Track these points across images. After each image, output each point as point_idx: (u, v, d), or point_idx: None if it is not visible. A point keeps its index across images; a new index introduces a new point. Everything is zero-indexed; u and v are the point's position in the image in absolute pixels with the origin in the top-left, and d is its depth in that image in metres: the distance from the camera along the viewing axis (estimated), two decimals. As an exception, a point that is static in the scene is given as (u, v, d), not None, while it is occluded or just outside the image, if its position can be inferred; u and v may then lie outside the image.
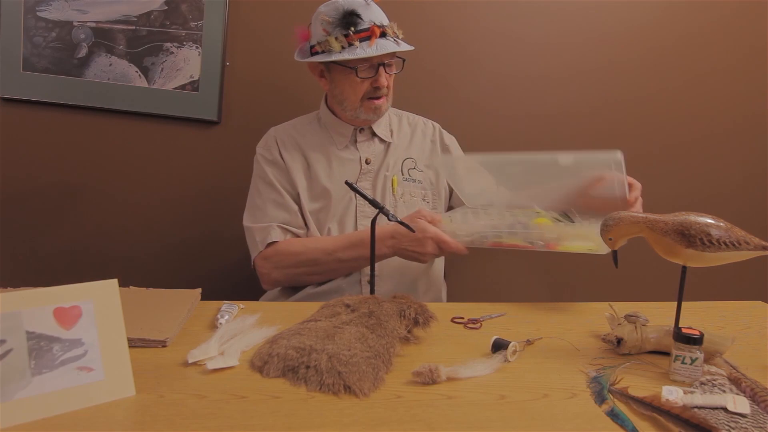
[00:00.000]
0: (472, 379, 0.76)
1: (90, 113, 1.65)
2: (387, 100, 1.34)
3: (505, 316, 1.05)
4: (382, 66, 1.28)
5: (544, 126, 1.81)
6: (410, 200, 1.38)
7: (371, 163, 1.38)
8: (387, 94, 1.33)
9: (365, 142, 1.39)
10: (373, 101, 1.31)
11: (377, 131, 1.40)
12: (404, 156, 1.41)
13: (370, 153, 1.39)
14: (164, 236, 1.73)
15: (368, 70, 1.27)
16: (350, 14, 1.24)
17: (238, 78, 1.68)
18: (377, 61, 1.27)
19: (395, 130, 1.44)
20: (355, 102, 1.31)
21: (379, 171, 1.38)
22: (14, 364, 0.62)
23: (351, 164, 1.37)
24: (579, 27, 1.77)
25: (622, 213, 0.84)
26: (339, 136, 1.38)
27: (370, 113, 1.32)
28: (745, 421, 0.66)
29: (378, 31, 1.24)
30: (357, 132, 1.39)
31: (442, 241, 1.17)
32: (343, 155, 1.37)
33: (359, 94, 1.29)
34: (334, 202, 1.33)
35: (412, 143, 1.44)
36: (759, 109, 1.84)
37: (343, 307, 0.92)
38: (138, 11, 1.61)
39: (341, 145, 1.38)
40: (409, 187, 1.39)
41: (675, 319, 0.86)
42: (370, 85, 1.29)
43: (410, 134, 1.46)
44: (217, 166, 1.72)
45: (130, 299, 0.97)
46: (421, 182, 1.41)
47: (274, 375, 0.75)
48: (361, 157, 1.37)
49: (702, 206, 0.90)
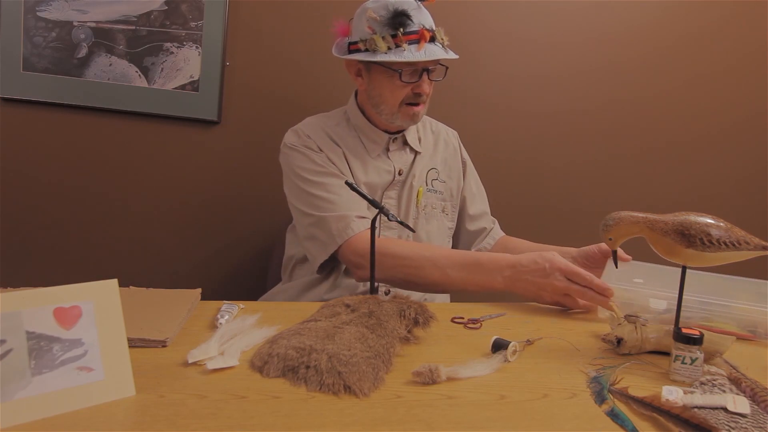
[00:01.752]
0: (472, 379, 0.76)
1: (90, 113, 1.65)
2: (425, 107, 1.28)
3: (505, 316, 1.05)
4: (426, 72, 1.22)
5: (544, 125, 1.81)
6: (431, 212, 1.35)
7: (402, 173, 1.33)
8: (425, 102, 1.28)
9: (397, 151, 1.34)
10: (412, 107, 1.25)
11: (408, 140, 1.34)
12: (429, 166, 1.37)
13: (402, 163, 1.33)
14: (164, 236, 1.74)
15: (412, 74, 1.22)
16: (401, 14, 1.17)
17: (238, 78, 1.68)
18: (422, 67, 1.21)
19: (422, 138, 1.40)
20: (393, 107, 1.25)
21: (405, 181, 1.33)
22: (14, 364, 0.62)
23: (386, 175, 1.31)
24: (579, 27, 1.77)
25: (622, 213, 0.84)
26: (372, 143, 1.31)
27: (407, 119, 1.27)
28: (745, 421, 0.66)
29: (428, 35, 1.18)
30: (390, 141, 1.33)
31: (572, 273, 1.01)
32: (378, 164, 1.31)
33: (399, 98, 1.23)
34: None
35: (435, 152, 1.40)
36: (759, 109, 1.84)
37: (343, 307, 0.92)
38: (138, 11, 1.61)
39: (374, 153, 1.31)
40: (431, 198, 1.36)
41: (675, 319, 0.86)
42: (411, 90, 1.23)
43: (434, 142, 1.42)
44: (217, 166, 1.72)
45: (130, 299, 0.97)
46: (441, 193, 1.38)
47: (274, 375, 0.75)
48: (395, 168, 1.32)
49: (702, 206, 0.90)
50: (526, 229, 1.84)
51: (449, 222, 1.40)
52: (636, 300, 1.01)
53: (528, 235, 1.85)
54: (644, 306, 1.00)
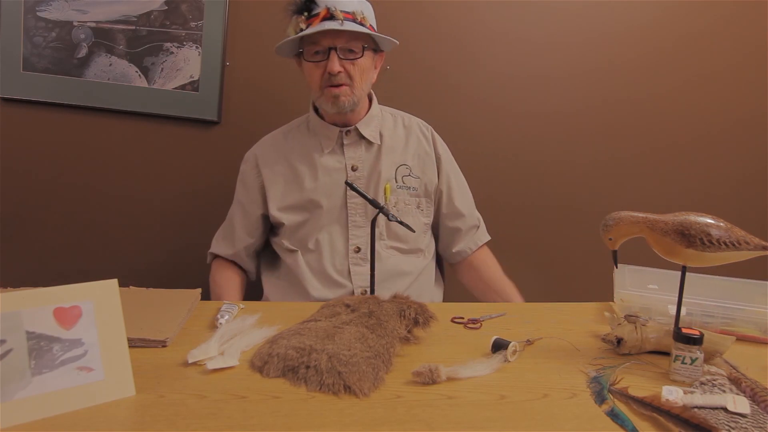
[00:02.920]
0: (472, 379, 0.76)
1: (90, 113, 1.65)
2: (352, 89, 1.23)
3: (505, 316, 1.05)
4: (334, 50, 1.19)
5: (543, 125, 1.81)
6: (405, 209, 1.32)
7: (359, 169, 1.30)
8: (350, 84, 1.22)
9: (352, 145, 1.31)
10: (331, 89, 1.21)
11: (364, 133, 1.31)
12: (399, 162, 1.33)
13: (357, 158, 1.31)
14: (164, 236, 1.73)
15: (319, 55, 1.21)
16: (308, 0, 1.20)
17: (238, 78, 1.68)
18: (328, 45, 1.19)
19: (389, 132, 1.36)
20: (316, 91, 1.24)
21: (370, 177, 1.31)
22: (14, 364, 0.62)
23: (337, 173, 1.29)
24: (579, 27, 1.77)
25: (622, 213, 0.84)
26: (325, 139, 1.31)
27: (329, 103, 1.23)
28: (745, 421, 0.66)
29: (325, 13, 1.18)
30: (343, 134, 1.31)
31: None
32: (329, 163, 1.30)
33: (316, 81, 1.23)
34: (324, 212, 1.28)
35: (407, 147, 1.36)
36: (759, 109, 1.84)
37: (343, 307, 0.92)
38: (138, 11, 1.61)
39: (327, 148, 1.30)
40: (403, 195, 1.32)
41: (675, 319, 0.86)
42: (324, 71, 1.21)
43: (405, 137, 1.37)
44: (217, 166, 1.72)
45: (130, 299, 0.97)
46: (415, 189, 1.34)
47: (274, 375, 0.75)
48: (347, 164, 1.30)
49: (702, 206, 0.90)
50: (526, 229, 1.85)
51: (425, 218, 1.36)
52: (653, 306, 1.02)
53: (528, 234, 1.85)
54: (662, 311, 1.00)
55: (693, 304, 0.98)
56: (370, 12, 1.27)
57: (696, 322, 0.99)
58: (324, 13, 1.18)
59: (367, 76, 1.27)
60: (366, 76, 1.26)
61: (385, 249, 1.30)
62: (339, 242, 1.28)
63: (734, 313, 0.98)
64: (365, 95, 1.31)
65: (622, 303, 1.06)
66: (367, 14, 1.25)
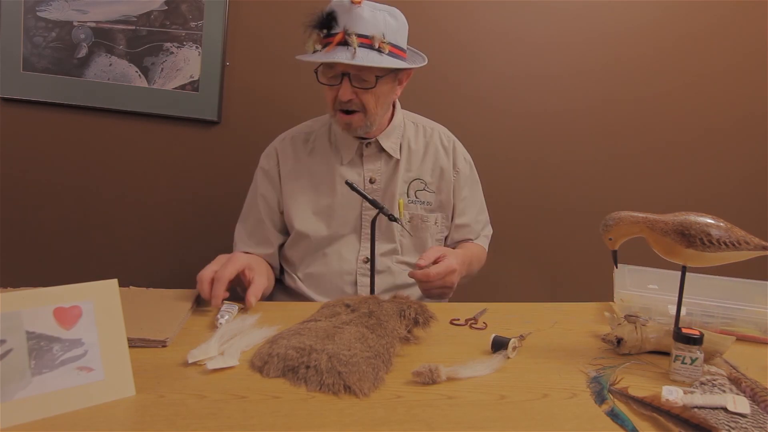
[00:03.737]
0: (472, 379, 0.76)
1: (90, 113, 1.65)
2: (365, 116, 1.19)
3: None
4: (347, 77, 1.14)
5: (544, 125, 1.81)
6: (421, 225, 1.30)
7: (376, 182, 1.28)
8: (363, 111, 1.18)
9: (371, 157, 1.29)
10: (342, 116, 1.19)
11: (384, 146, 1.28)
12: (414, 176, 1.30)
13: (376, 170, 1.29)
14: (164, 236, 1.74)
15: (332, 78, 1.16)
16: (328, 16, 1.14)
17: (238, 78, 1.68)
18: (341, 71, 1.14)
19: (409, 143, 1.32)
20: (330, 110, 1.21)
21: (386, 190, 1.29)
22: (14, 364, 0.62)
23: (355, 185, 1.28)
24: (579, 27, 1.77)
25: (622, 213, 0.84)
26: (345, 149, 1.28)
27: (340, 126, 1.22)
28: (745, 421, 0.66)
29: (340, 37, 1.12)
30: (363, 146, 1.28)
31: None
32: (348, 174, 1.27)
33: (330, 101, 1.20)
34: (340, 223, 1.26)
35: (425, 161, 1.32)
36: (759, 109, 1.84)
37: (343, 307, 0.92)
38: (138, 11, 1.61)
39: (346, 159, 1.28)
40: (417, 209, 1.30)
41: (675, 319, 0.86)
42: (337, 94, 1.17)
43: (424, 150, 1.33)
44: (217, 166, 1.72)
45: (130, 299, 0.97)
46: (430, 204, 1.31)
47: (274, 375, 0.75)
48: (365, 176, 1.28)
49: (702, 206, 0.90)
50: (526, 229, 1.85)
51: (439, 234, 1.35)
52: (653, 306, 1.02)
53: (528, 234, 1.85)
54: (662, 312, 1.00)
55: (693, 304, 0.99)
56: (395, 30, 1.17)
57: (696, 322, 0.99)
58: (339, 38, 1.12)
59: (383, 101, 1.21)
60: (382, 101, 1.21)
61: (395, 263, 1.29)
62: (350, 253, 1.27)
63: (734, 313, 0.98)
64: (382, 118, 1.25)
65: (622, 303, 1.07)
66: (391, 34, 1.15)
